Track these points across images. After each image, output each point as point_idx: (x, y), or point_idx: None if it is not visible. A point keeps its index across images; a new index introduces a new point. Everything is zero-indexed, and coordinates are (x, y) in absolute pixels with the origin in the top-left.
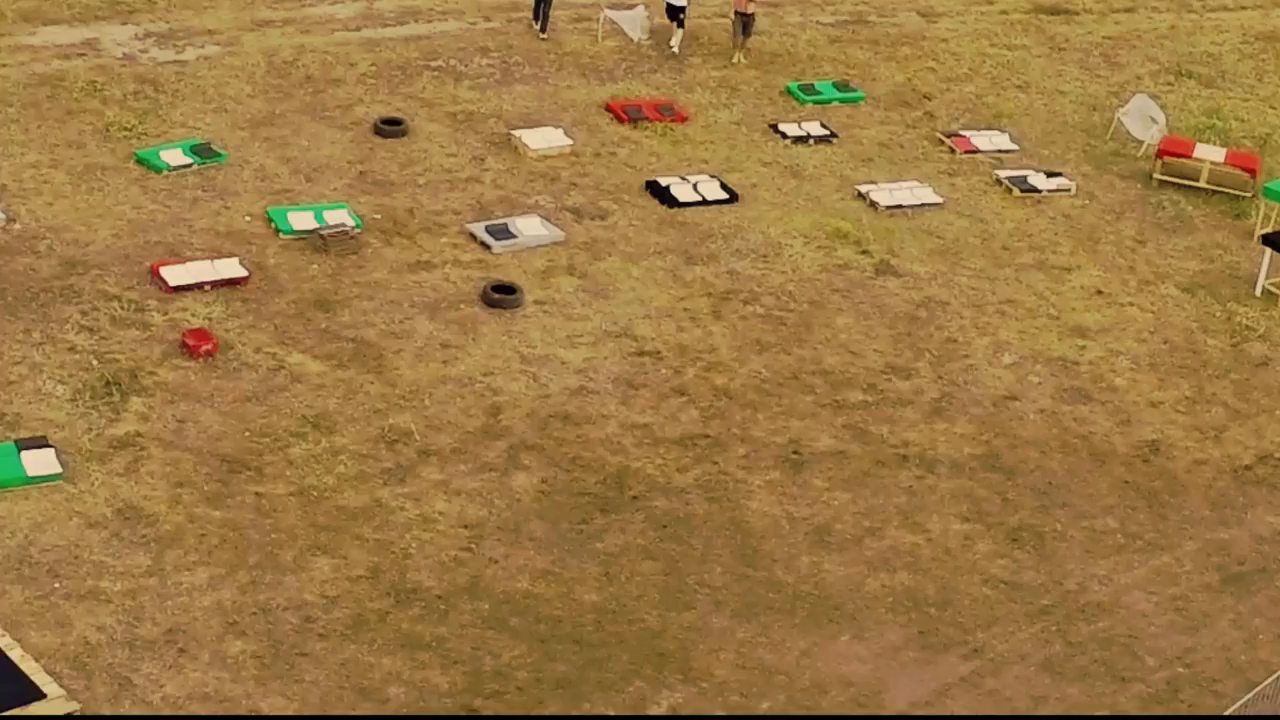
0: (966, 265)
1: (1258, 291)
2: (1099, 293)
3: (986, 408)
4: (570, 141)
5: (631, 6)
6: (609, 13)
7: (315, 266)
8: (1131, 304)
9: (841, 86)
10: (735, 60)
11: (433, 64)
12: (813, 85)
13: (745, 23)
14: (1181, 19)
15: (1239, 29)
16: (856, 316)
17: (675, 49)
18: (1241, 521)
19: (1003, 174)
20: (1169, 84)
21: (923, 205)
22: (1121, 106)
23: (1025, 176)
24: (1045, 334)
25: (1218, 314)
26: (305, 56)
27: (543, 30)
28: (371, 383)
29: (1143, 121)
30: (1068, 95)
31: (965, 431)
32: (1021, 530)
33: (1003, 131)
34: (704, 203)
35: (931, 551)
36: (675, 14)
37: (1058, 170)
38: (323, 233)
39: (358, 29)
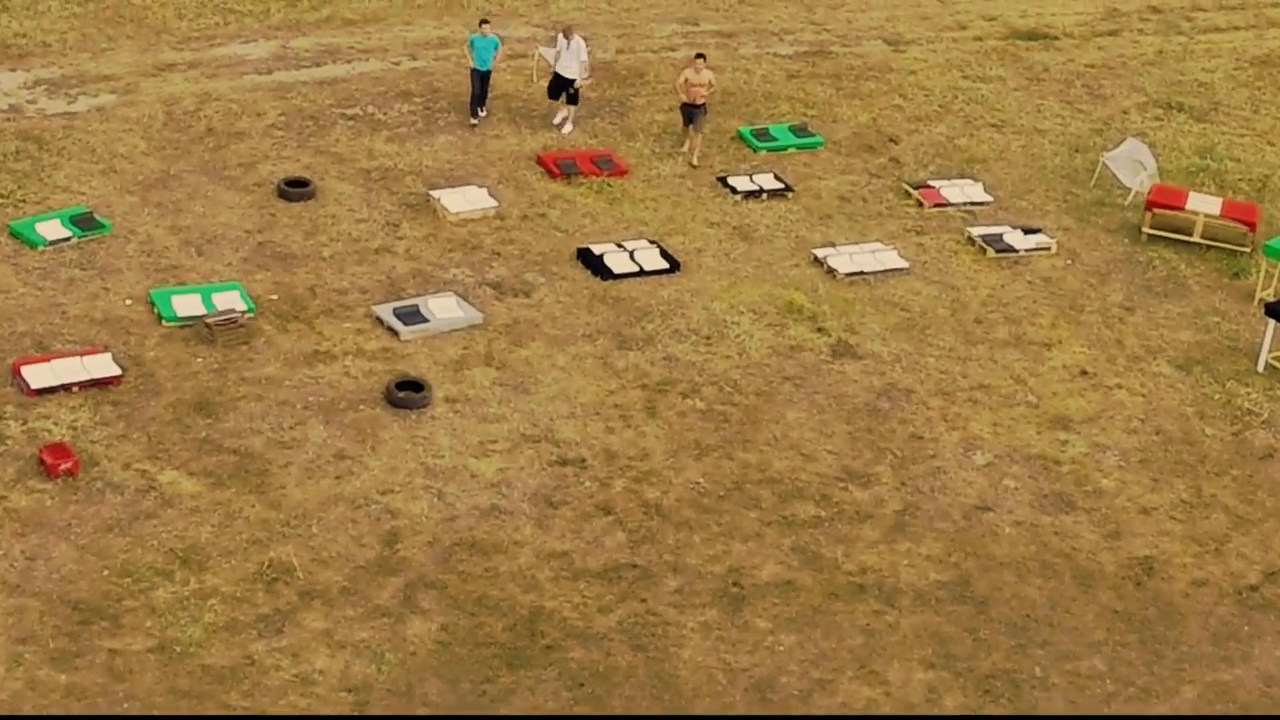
0: (935, 343)
1: (1260, 367)
2: (1083, 373)
3: (956, 521)
4: (495, 203)
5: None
6: (544, 51)
7: (199, 360)
8: (1120, 386)
9: (799, 131)
10: (693, 162)
11: (348, 111)
12: (767, 130)
13: (691, 114)
14: (1169, 42)
15: (1231, 53)
16: (810, 409)
17: (560, 127)
18: (1247, 657)
19: (976, 231)
20: (1158, 118)
21: (886, 271)
22: (1107, 150)
23: (1001, 234)
24: (1023, 426)
25: (1216, 396)
26: (208, 105)
27: (477, 117)
28: (252, 505)
29: (1131, 167)
30: (1047, 134)
31: (931, 552)
32: (995, 678)
33: (975, 181)
34: (641, 273)
35: (891, 707)
36: (564, 88)
37: (1036, 226)
38: (208, 321)
39: (269, 71)
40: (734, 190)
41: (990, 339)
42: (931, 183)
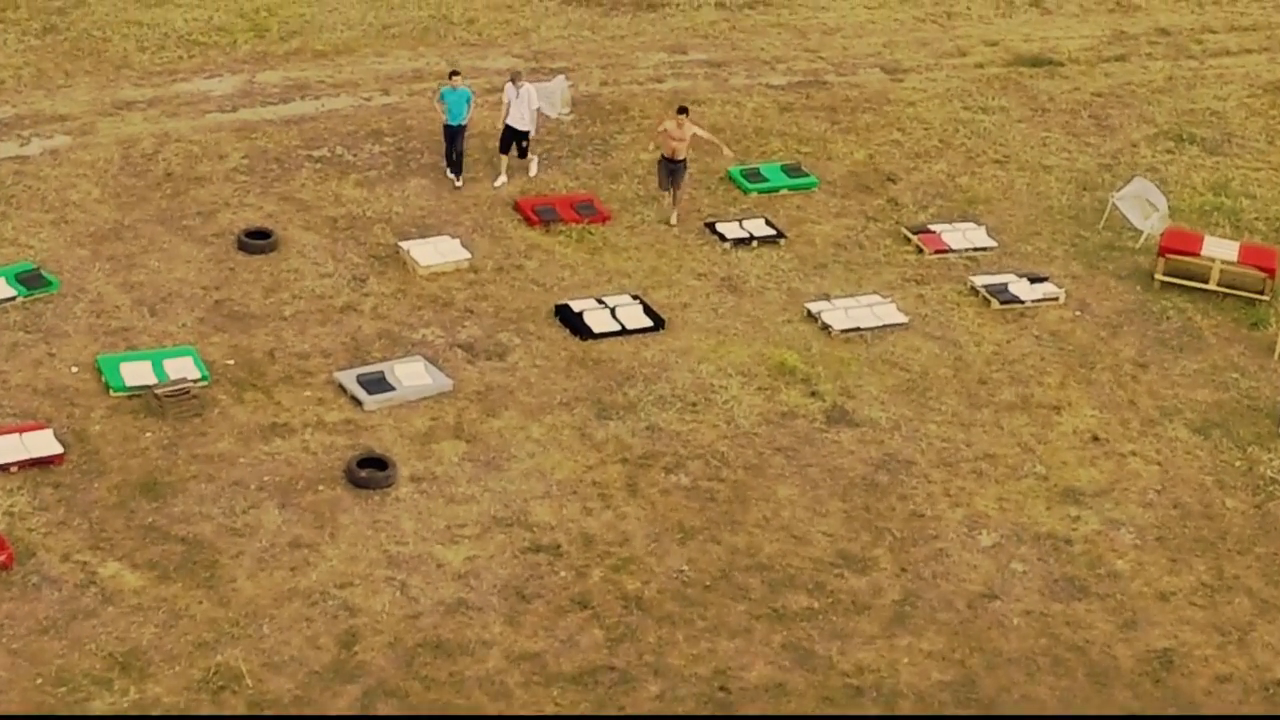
0: (936, 407)
1: None
2: (1095, 439)
3: (960, 611)
4: (468, 255)
5: (550, 77)
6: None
7: (148, 435)
8: (1134, 453)
9: (792, 171)
10: (670, 222)
11: (315, 153)
12: (758, 170)
13: (673, 171)
14: (1179, 68)
15: (1244, 79)
16: (802, 485)
17: (499, 183)
18: None
19: (979, 281)
20: (1169, 151)
21: (884, 327)
22: (1117, 190)
23: (1006, 284)
24: (1031, 501)
25: (1237, 463)
26: (168, 147)
27: (458, 178)
28: (200, 602)
29: (1141, 208)
30: (1053, 171)
31: (934, 648)
32: None
33: (979, 225)
34: (623, 332)
35: None
36: (516, 140)
37: (1043, 274)
38: (158, 392)
39: (233, 109)
40: (723, 237)
41: (995, 401)
42: (932, 227)
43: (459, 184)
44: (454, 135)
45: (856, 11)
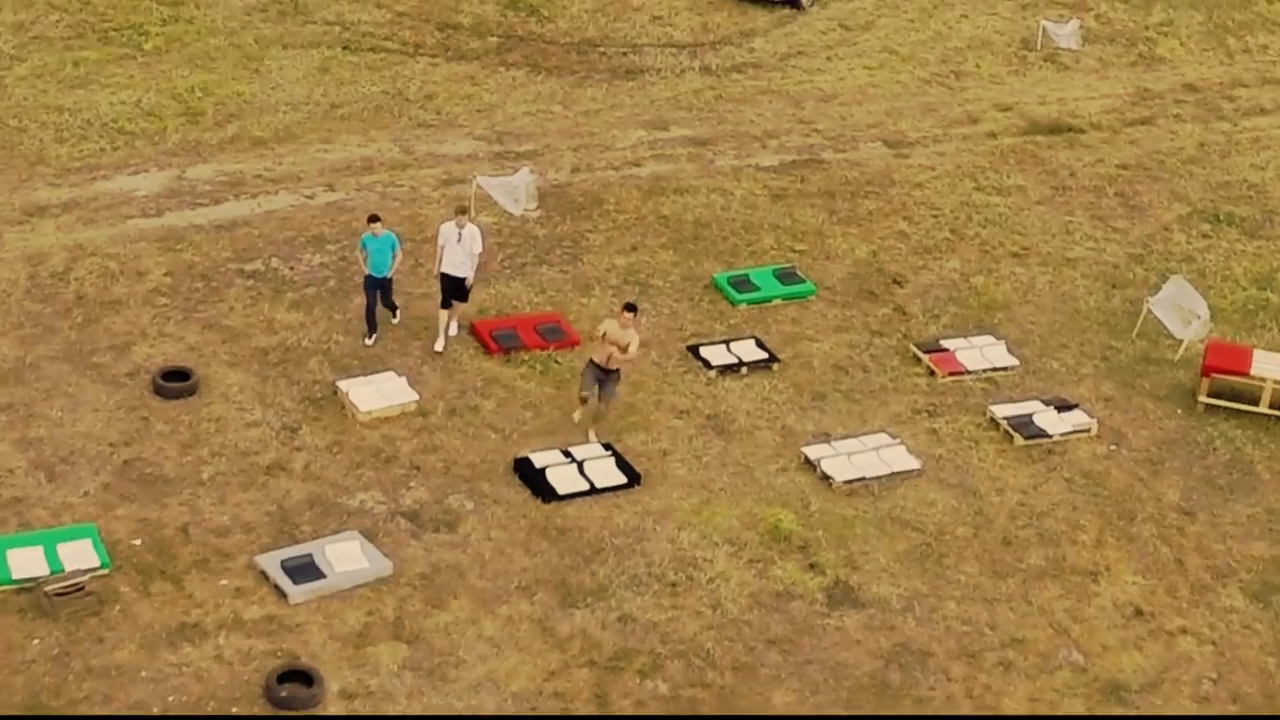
0: (955, 578)
1: None
2: (1138, 613)
3: None
4: (414, 396)
5: (515, 169)
6: (482, 180)
7: (35, 643)
8: (1184, 629)
9: (786, 277)
10: (590, 438)
11: (248, 266)
12: (747, 278)
13: (602, 380)
14: (1210, 131)
15: None
16: (800, 687)
17: (440, 346)
18: None
19: (1000, 412)
20: (1205, 235)
21: (894, 475)
22: (1152, 294)
23: (1030, 415)
24: (1068, 700)
25: None
26: (81, 263)
27: (373, 339)
28: None
29: (1180, 314)
30: (1078, 265)
31: None
32: None
33: (998, 339)
34: (592, 492)
35: None
36: (455, 292)
37: (1072, 401)
38: (49, 590)
39: (158, 213)
40: (707, 364)
41: (1023, 567)
42: (945, 343)
43: (368, 343)
44: (377, 288)
45: (855, 73)
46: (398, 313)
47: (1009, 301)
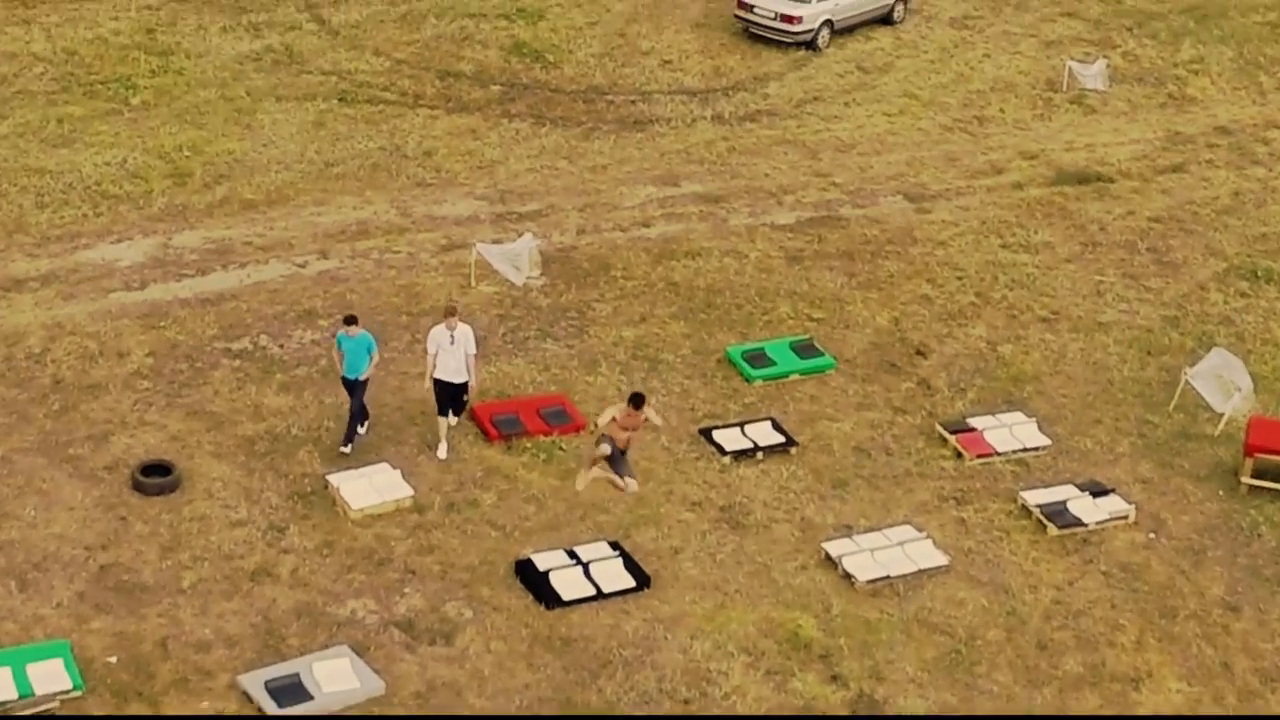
0: (987, 688)
1: None
2: None
3: None
4: (410, 491)
5: (517, 235)
6: (482, 249)
7: None
8: None
9: (803, 350)
10: (580, 479)
11: (234, 345)
12: (763, 352)
13: (613, 459)
14: (1245, 179)
15: None
16: None
17: (444, 453)
18: None
19: (1032, 499)
20: (1243, 294)
21: (920, 572)
22: (1189, 365)
23: (1064, 503)
24: None
25: None
26: (60, 344)
27: (347, 445)
28: None
29: (1221, 387)
30: (1111, 330)
31: None
32: None
33: (1028, 416)
34: (599, 597)
35: None
36: (454, 399)
37: (1107, 484)
38: (15, 715)
39: (141, 285)
40: (721, 449)
41: (1059, 674)
42: (973, 422)
43: (345, 449)
44: (351, 390)
45: (874, 120)
46: (365, 425)
47: (1039, 372)
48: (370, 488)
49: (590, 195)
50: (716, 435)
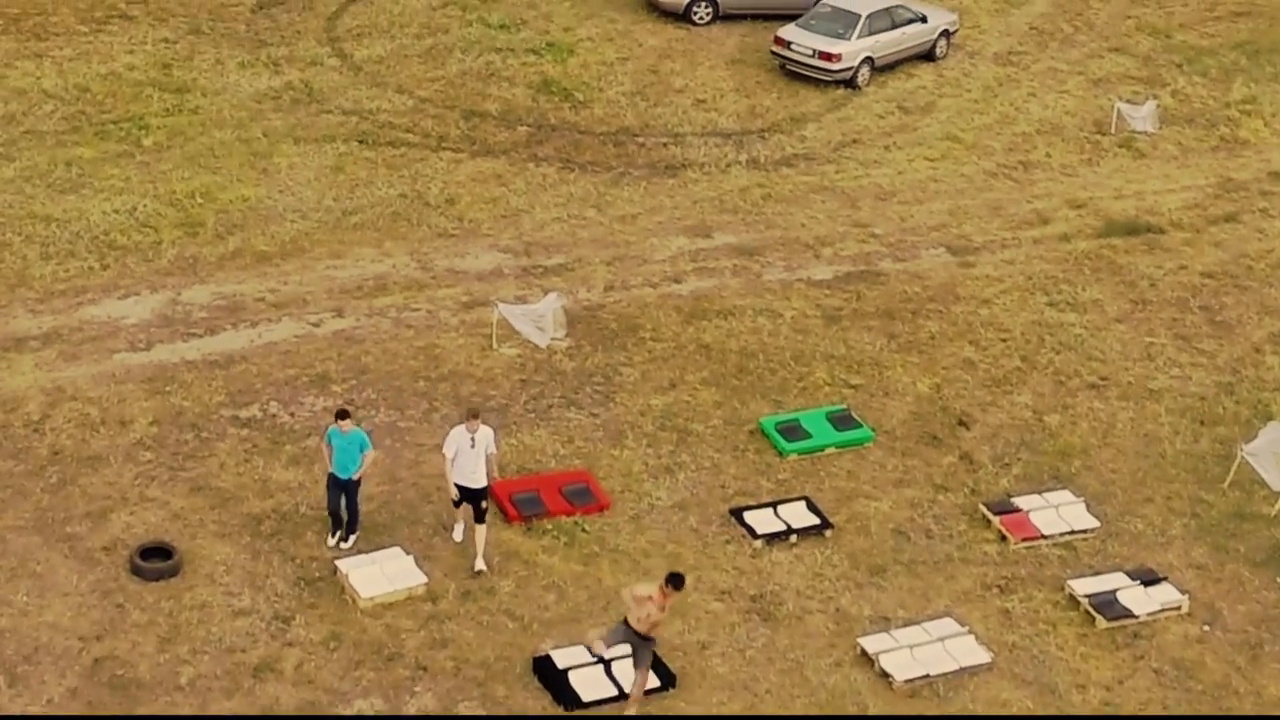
0: None
1: None
2: None
3: None
4: (423, 579)
5: (541, 293)
6: (504, 309)
7: None
8: None
9: (840, 421)
10: (591, 640)
11: (243, 413)
12: (798, 424)
13: (637, 647)
14: None
15: None
16: None
17: (459, 535)
18: None
19: (1080, 588)
20: None
21: (961, 671)
22: (1245, 440)
23: (1114, 593)
24: None
25: None
26: (59, 411)
27: (335, 538)
28: None
29: (1278, 463)
30: (1162, 398)
31: None
32: None
33: (1076, 495)
34: (622, 698)
35: None
36: (472, 503)
37: (1159, 572)
38: None
39: (147, 346)
40: (752, 532)
41: None
42: (1018, 502)
43: (331, 543)
44: (342, 490)
45: (915, 165)
46: (355, 532)
47: (1087, 446)
48: (381, 575)
49: (619, 247)
50: (748, 517)
